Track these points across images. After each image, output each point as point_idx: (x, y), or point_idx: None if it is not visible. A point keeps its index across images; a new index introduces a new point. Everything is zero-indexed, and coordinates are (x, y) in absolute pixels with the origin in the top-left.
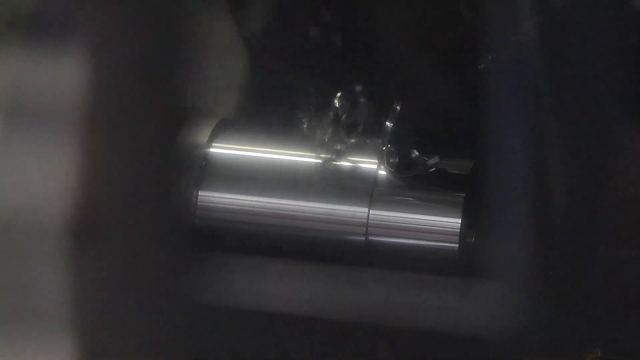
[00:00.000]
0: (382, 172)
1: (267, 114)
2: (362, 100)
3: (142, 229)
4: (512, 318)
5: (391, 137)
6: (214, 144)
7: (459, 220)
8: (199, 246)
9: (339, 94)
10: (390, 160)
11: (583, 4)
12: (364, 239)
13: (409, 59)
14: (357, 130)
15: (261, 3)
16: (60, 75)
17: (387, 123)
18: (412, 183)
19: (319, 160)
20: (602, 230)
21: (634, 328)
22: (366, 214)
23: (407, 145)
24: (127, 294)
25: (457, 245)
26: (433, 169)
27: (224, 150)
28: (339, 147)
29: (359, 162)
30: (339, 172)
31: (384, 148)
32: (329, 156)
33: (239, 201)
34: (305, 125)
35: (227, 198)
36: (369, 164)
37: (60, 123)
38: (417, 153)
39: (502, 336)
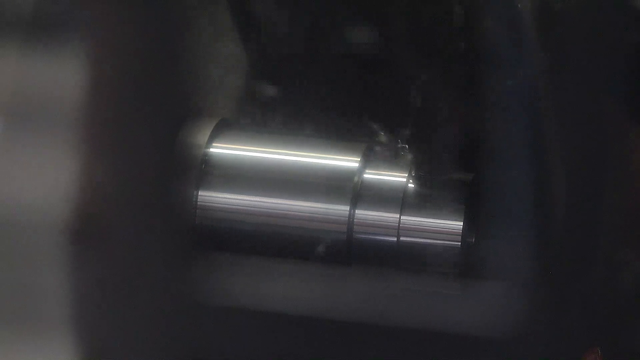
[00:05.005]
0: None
1: (267, 114)
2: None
3: (142, 229)
4: (512, 318)
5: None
6: (213, 144)
7: (461, 221)
8: (199, 246)
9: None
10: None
11: (583, 4)
12: (360, 238)
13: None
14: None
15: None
16: (60, 76)
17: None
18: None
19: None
20: (602, 230)
21: (634, 328)
22: (362, 215)
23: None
24: (126, 294)
25: (459, 245)
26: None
27: (224, 150)
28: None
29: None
30: (343, 172)
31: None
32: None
33: (239, 201)
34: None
35: (227, 198)
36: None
37: (61, 123)
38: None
39: (502, 336)
